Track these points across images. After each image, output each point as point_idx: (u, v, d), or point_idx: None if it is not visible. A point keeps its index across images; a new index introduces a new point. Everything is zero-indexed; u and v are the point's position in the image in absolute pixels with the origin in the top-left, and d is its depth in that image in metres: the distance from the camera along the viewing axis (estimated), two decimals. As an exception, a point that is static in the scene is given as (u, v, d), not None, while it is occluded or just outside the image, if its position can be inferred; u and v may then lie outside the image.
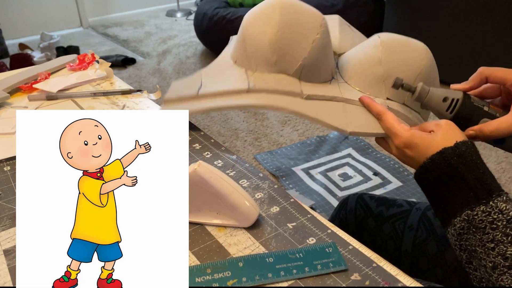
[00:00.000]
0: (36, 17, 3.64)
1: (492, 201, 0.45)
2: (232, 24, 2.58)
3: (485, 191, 0.46)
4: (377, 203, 0.73)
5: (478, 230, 0.45)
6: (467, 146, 0.49)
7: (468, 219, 0.45)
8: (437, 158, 0.49)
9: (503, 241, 0.43)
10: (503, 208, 0.44)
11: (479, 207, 0.45)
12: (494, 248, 0.43)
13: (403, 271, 0.43)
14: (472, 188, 0.46)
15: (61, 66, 0.99)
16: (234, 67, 0.66)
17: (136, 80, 2.69)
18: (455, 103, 0.56)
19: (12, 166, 0.62)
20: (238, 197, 0.48)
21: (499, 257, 0.43)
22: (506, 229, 0.43)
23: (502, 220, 0.44)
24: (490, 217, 0.44)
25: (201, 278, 0.42)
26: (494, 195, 0.45)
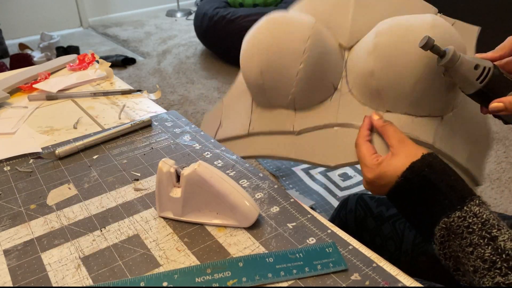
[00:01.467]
0: (36, 17, 3.64)
1: (466, 206, 0.46)
2: (232, 24, 2.58)
3: (458, 197, 0.47)
4: (377, 203, 0.73)
5: (456, 236, 0.45)
6: (433, 156, 0.50)
7: (446, 226, 0.46)
8: (409, 174, 0.50)
9: (480, 243, 0.44)
10: (477, 212, 0.45)
11: (454, 213, 0.46)
12: (473, 252, 0.44)
13: (403, 271, 0.43)
14: (446, 196, 0.47)
15: (61, 66, 0.99)
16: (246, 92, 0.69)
17: (136, 80, 2.69)
18: (486, 72, 0.52)
19: (12, 166, 0.62)
20: (238, 197, 0.48)
21: (478, 260, 0.43)
22: (481, 231, 0.44)
23: (477, 224, 0.44)
24: (466, 221, 0.45)
25: (201, 278, 0.42)
26: (467, 199, 0.46)
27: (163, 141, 0.68)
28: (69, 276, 0.43)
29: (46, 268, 0.44)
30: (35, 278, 0.43)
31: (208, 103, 2.33)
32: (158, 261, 0.45)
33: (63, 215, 0.52)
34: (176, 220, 0.50)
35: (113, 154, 0.65)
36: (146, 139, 0.68)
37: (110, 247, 0.47)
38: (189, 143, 0.67)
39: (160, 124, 0.73)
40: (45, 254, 0.46)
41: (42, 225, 0.50)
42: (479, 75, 0.52)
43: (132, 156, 0.64)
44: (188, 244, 0.47)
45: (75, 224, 0.50)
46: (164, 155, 0.64)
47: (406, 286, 0.41)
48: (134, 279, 0.42)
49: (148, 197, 0.55)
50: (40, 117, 0.78)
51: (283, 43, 0.59)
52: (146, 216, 0.51)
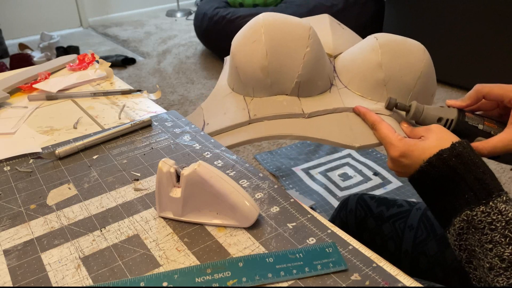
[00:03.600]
0: (36, 17, 3.64)
1: (492, 202, 0.45)
2: (232, 24, 2.58)
3: (485, 191, 0.45)
4: (377, 203, 0.73)
5: (477, 231, 0.45)
6: (464, 146, 0.49)
7: (467, 219, 0.45)
8: (435, 160, 0.49)
9: (501, 242, 0.43)
10: (503, 209, 0.44)
11: (479, 207, 0.45)
12: (492, 249, 0.43)
13: (403, 271, 0.43)
14: (472, 188, 0.46)
15: (61, 66, 0.99)
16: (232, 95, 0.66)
17: (136, 80, 2.69)
18: (449, 123, 0.56)
19: (12, 166, 0.62)
20: (238, 197, 0.48)
21: (496, 258, 0.43)
22: (504, 230, 0.43)
23: (501, 221, 0.44)
24: (489, 218, 0.44)
25: (201, 278, 0.42)
26: (494, 195, 0.45)
27: (163, 141, 0.68)
28: (69, 276, 0.43)
29: (46, 268, 0.44)
30: (35, 278, 0.43)
31: (208, 103, 2.32)
32: (158, 261, 0.45)
33: (63, 215, 0.52)
34: (176, 220, 0.50)
35: (113, 154, 0.65)
36: (146, 139, 0.68)
37: (110, 247, 0.47)
38: (189, 143, 0.67)
39: (160, 124, 0.73)
40: (45, 254, 0.46)
41: (42, 225, 0.50)
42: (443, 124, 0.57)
43: (132, 156, 0.64)
44: (188, 244, 0.47)
45: (75, 224, 0.50)
46: (164, 155, 0.64)
47: (406, 286, 0.41)
48: (134, 279, 0.42)
49: (148, 197, 0.55)
50: (40, 117, 0.78)
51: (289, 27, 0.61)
52: (146, 216, 0.51)
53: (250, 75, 0.61)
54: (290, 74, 0.60)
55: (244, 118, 0.61)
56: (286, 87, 0.61)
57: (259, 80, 0.61)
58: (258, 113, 0.60)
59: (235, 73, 0.64)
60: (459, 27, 2.21)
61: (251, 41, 0.60)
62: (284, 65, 0.60)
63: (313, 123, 0.60)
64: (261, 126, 0.60)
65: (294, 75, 0.60)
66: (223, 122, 0.63)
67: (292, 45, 0.59)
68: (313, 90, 0.62)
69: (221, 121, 0.63)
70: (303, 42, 0.60)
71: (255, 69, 0.60)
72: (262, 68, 0.60)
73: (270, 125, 0.60)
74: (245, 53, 0.61)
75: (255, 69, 0.60)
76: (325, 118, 0.61)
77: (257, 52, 0.60)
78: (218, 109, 0.66)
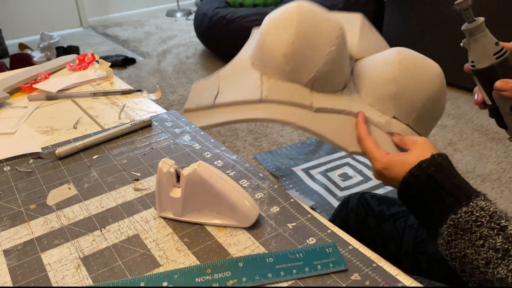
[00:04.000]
0: (36, 17, 3.64)
1: (471, 202, 0.47)
2: (232, 24, 2.58)
3: (464, 194, 0.48)
4: (378, 202, 0.73)
5: (465, 232, 0.46)
6: (442, 157, 0.52)
7: (453, 223, 0.47)
8: (416, 171, 0.51)
9: (490, 234, 0.44)
10: (484, 206, 0.46)
11: (461, 208, 0.47)
12: (484, 244, 0.44)
13: (403, 270, 0.43)
14: (452, 193, 0.48)
15: (61, 66, 0.99)
16: (251, 69, 0.67)
17: (136, 80, 2.69)
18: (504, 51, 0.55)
19: (12, 166, 0.62)
20: (238, 197, 0.48)
21: (490, 251, 0.44)
22: (490, 223, 0.45)
23: (485, 216, 0.45)
24: (473, 215, 0.46)
25: (201, 278, 0.42)
26: (473, 196, 0.47)
27: (163, 141, 0.68)
28: (69, 276, 0.43)
29: (46, 268, 0.44)
30: (35, 278, 0.43)
31: (208, 103, 2.33)
32: (158, 261, 0.45)
33: (63, 215, 0.52)
34: (176, 220, 0.50)
35: (113, 154, 0.65)
36: (146, 139, 0.68)
37: (110, 247, 0.47)
38: (189, 143, 0.67)
39: (160, 124, 0.73)
40: (45, 254, 0.46)
41: (42, 225, 0.50)
42: (498, 50, 0.55)
43: (132, 156, 0.64)
44: (188, 244, 0.47)
45: (75, 224, 0.50)
46: (164, 155, 0.64)
47: (406, 286, 0.41)
48: (134, 279, 0.42)
49: (148, 197, 0.55)
50: (40, 117, 0.78)
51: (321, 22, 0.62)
52: (146, 216, 0.51)
53: (272, 58, 0.62)
54: (309, 66, 0.61)
55: (255, 96, 0.62)
56: (302, 78, 0.62)
57: (279, 65, 0.62)
58: (270, 95, 0.62)
59: (259, 49, 0.65)
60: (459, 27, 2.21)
61: (282, 25, 0.61)
62: (306, 57, 0.61)
63: (318, 118, 0.61)
64: (268, 107, 0.61)
65: (313, 68, 0.61)
66: (235, 95, 0.64)
67: (319, 40, 0.61)
68: (327, 87, 0.63)
69: (234, 94, 0.64)
70: (331, 40, 0.61)
71: (279, 53, 0.61)
72: (285, 54, 0.61)
73: (277, 109, 0.61)
74: (273, 35, 0.62)
75: (278, 54, 0.62)
76: (330, 117, 0.62)
77: (284, 38, 0.61)
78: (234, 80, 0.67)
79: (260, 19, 2.77)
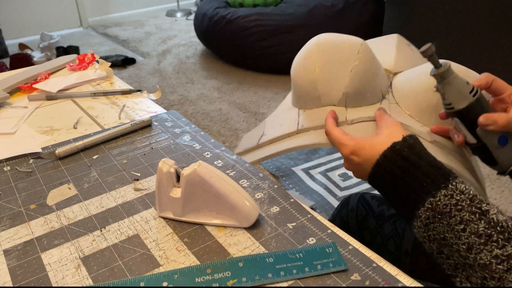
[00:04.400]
0: (36, 17, 3.64)
1: (450, 184, 0.45)
2: (232, 24, 2.58)
3: (442, 175, 0.46)
4: (378, 203, 0.73)
5: (444, 216, 0.45)
6: (414, 138, 0.51)
7: (431, 207, 0.45)
8: (389, 153, 0.50)
9: (472, 219, 0.43)
10: (463, 189, 0.45)
11: (440, 191, 0.45)
12: (465, 229, 0.43)
13: (403, 271, 0.43)
14: (429, 175, 0.47)
15: (61, 66, 0.99)
16: (290, 109, 0.71)
17: (136, 80, 2.69)
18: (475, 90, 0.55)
19: (12, 166, 0.62)
20: (238, 197, 0.48)
21: (473, 236, 0.43)
22: (471, 207, 0.44)
23: (465, 200, 0.44)
24: (453, 199, 0.44)
25: (201, 278, 0.42)
26: (451, 177, 0.46)
27: (163, 141, 0.68)
28: (69, 276, 0.43)
29: (46, 268, 0.44)
30: (35, 278, 0.43)
31: (208, 103, 2.33)
32: (158, 261, 0.45)
33: (63, 215, 0.52)
34: (176, 220, 0.50)
35: (113, 154, 0.65)
36: (146, 139, 0.68)
37: (110, 247, 0.47)
38: (189, 143, 0.67)
39: (160, 124, 0.73)
40: (45, 254, 0.46)
41: (42, 225, 0.50)
42: (471, 89, 0.55)
43: (132, 156, 0.64)
44: (188, 244, 0.47)
45: (75, 224, 0.50)
46: (164, 155, 0.64)
47: (406, 286, 0.41)
48: (134, 279, 0.42)
49: (148, 197, 0.55)
50: (40, 117, 0.78)
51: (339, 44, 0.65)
52: (146, 216, 0.51)
53: (302, 89, 0.66)
54: (337, 85, 0.64)
55: (292, 128, 0.66)
56: (333, 98, 0.64)
57: (309, 93, 0.66)
58: (305, 124, 0.66)
59: (292, 89, 0.70)
60: (459, 27, 2.21)
61: (304, 58, 0.66)
62: (331, 77, 0.64)
63: (354, 129, 0.62)
64: (305, 135, 0.65)
65: (341, 87, 0.63)
66: (276, 133, 0.69)
67: (341, 59, 0.63)
68: (361, 101, 0.65)
69: (275, 132, 0.69)
70: (352, 56, 0.63)
71: (306, 83, 0.65)
72: (311, 81, 0.64)
73: (315, 134, 0.64)
74: (298, 69, 0.66)
75: (306, 83, 0.65)
76: (367, 125, 0.63)
77: (308, 68, 0.65)
78: (277, 120, 0.73)
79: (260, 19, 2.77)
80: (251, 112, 2.19)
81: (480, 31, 2.13)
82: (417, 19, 2.38)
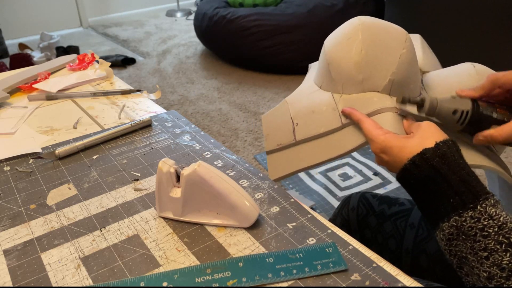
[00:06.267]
0: (36, 17, 3.64)
1: (480, 205, 0.42)
2: (232, 24, 2.58)
3: (471, 194, 0.43)
4: (379, 202, 0.73)
5: (468, 238, 0.42)
6: (449, 145, 0.47)
7: (456, 225, 0.43)
8: (418, 160, 0.47)
9: (497, 249, 0.41)
10: (493, 213, 0.42)
11: (467, 212, 0.43)
12: (488, 258, 0.41)
13: (404, 269, 0.42)
14: (458, 192, 0.44)
15: (61, 66, 0.99)
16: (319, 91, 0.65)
17: (136, 80, 2.69)
18: (465, 115, 0.55)
19: (12, 166, 0.62)
20: (238, 197, 0.48)
21: (495, 267, 0.41)
22: (498, 236, 0.41)
23: (493, 227, 0.41)
24: (480, 223, 0.42)
25: (201, 278, 0.42)
26: (482, 198, 0.43)
27: (163, 141, 0.68)
28: (69, 276, 0.43)
29: (46, 268, 0.44)
30: (35, 278, 0.43)
31: (208, 103, 2.32)
32: (158, 261, 0.45)
33: (63, 215, 0.52)
34: (176, 220, 0.50)
35: (113, 154, 0.65)
36: (146, 139, 0.68)
37: (110, 247, 0.47)
38: (189, 143, 0.67)
39: (160, 124, 0.73)
40: (45, 254, 0.46)
41: (42, 225, 0.50)
42: (458, 118, 0.55)
43: (132, 156, 0.64)
44: (188, 244, 0.47)
45: (75, 224, 0.50)
46: (164, 155, 0.64)
47: (406, 286, 0.41)
48: (134, 279, 0.42)
49: (148, 197, 0.55)
50: (40, 117, 0.78)
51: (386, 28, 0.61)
52: (146, 216, 0.51)
53: (342, 71, 0.60)
54: (383, 71, 0.59)
55: (336, 123, 0.60)
56: (378, 84, 0.60)
57: (351, 76, 0.60)
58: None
59: (325, 70, 0.63)
60: (459, 27, 2.20)
61: (347, 37, 0.60)
62: (379, 61, 0.59)
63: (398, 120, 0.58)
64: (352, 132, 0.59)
65: (388, 72, 0.59)
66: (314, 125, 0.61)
67: (389, 44, 0.59)
68: (404, 91, 0.61)
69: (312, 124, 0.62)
70: (400, 43, 0.60)
71: (348, 64, 0.60)
72: (356, 63, 0.59)
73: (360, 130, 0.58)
74: (339, 48, 0.61)
75: (348, 64, 0.60)
76: None
77: (352, 48, 0.59)
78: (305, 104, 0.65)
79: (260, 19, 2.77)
80: (251, 112, 2.19)
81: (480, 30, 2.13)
82: (417, 19, 2.38)
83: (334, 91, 0.62)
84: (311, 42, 2.47)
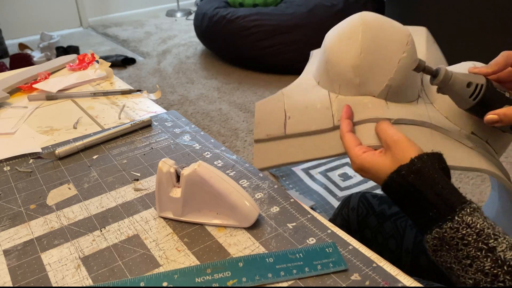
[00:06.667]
0: (36, 17, 3.64)
1: (457, 216, 0.44)
2: (232, 24, 2.58)
3: (447, 206, 0.45)
4: (379, 202, 0.73)
5: (451, 248, 0.44)
6: (423, 160, 0.48)
7: (439, 236, 0.45)
8: (395, 177, 0.48)
9: (478, 256, 0.42)
10: (470, 222, 0.43)
11: (446, 223, 0.44)
12: (471, 265, 0.42)
13: (404, 269, 0.43)
14: (435, 205, 0.45)
15: (61, 66, 0.99)
16: (317, 87, 0.64)
17: (136, 80, 2.69)
18: (479, 89, 0.53)
19: (12, 166, 0.62)
20: (238, 197, 0.48)
21: (479, 274, 0.42)
22: (477, 243, 0.42)
23: (472, 235, 0.43)
24: (459, 233, 0.43)
25: (201, 278, 0.42)
26: (458, 209, 0.44)
27: (163, 141, 0.68)
28: (69, 276, 0.43)
29: (46, 268, 0.44)
30: (35, 278, 0.43)
31: (208, 103, 2.32)
32: (158, 261, 0.45)
33: (63, 215, 0.52)
34: (176, 220, 0.50)
35: (113, 154, 0.65)
36: (146, 139, 0.68)
37: (110, 247, 0.47)
38: (189, 143, 0.67)
39: (160, 124, 0.73)
40: (45, 254, 0.46)
41: (42, 225, 0.50)
42: (472, 92, 0.54)
43: (132, 156, 0.64)
44: (188, 244, 0.47)
45: (75, 224, 0.50)
46: (164, 155, 0.64)
47: (406, 286, 0.41)
48: (134, 279, 0.42)
49: (148, 197, 0.55)
50: (40, 117, 0.78)
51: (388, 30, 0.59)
52: (146, 216, 0.51)
53: (340, 72, 0.59)
54: (381, 76, 0.58)
55: (328, 123, 0.59)
56: (374, 89, 0.59)
57: (348, 79, 0.59)
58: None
59: (324, 67, 0.62)
60: (459, 27, 2.20)
61: (347, 37, 0.59)
62: (377, 66, 0.58)
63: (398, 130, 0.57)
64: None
65: (386, 78, 0.58)
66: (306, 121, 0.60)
67: (389, 47, 0.58)
68: (401, 97, 0.60)
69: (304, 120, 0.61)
70: (401, 46, 0.58)
71: (346, 66, 0.58)
72: (354, 66, 0.58)
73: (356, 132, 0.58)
74: (338, 49, 0.59)
75: (346, 67, 0.58)
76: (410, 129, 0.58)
77: (351, 50, 0.58)
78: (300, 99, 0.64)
79: (260, 19, 2.77)
80: (251, 112, 2.19)
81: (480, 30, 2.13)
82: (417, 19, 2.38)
83: (331, 90, 0.62)
84: (311, 42, 2.47)
